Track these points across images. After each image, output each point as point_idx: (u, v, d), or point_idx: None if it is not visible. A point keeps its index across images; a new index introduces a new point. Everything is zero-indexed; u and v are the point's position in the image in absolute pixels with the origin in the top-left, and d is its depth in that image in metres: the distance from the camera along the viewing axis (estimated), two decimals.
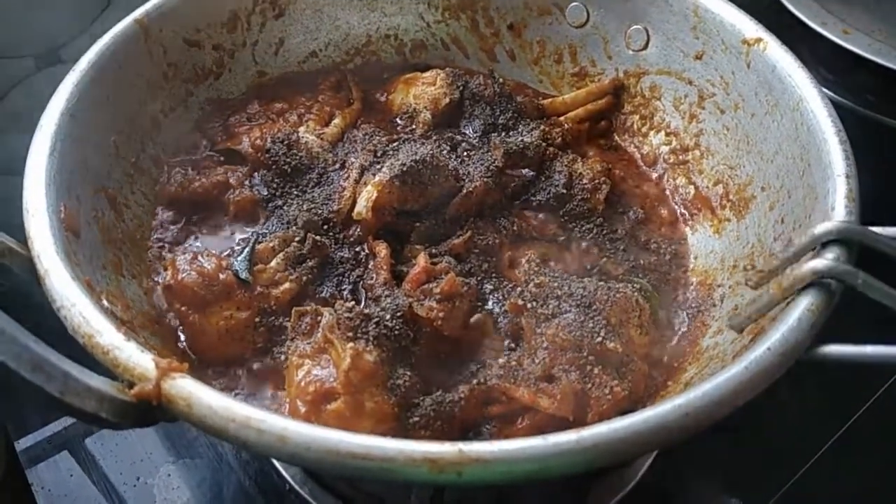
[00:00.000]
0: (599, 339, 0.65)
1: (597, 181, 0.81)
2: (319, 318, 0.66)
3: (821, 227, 0.61)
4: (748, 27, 0.80)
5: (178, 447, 0.84)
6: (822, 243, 0.60)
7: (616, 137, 0.93)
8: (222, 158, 0.84)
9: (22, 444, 0.83)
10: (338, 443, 0.47)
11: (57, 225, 0.61)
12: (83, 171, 0.70)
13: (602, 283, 0.71)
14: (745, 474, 0.83)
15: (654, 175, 0.89)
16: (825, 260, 0.58)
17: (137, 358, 0.52)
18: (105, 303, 0.61)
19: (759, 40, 0.79)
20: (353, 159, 0.81)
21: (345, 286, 0.73)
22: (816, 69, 0.74)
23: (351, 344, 0.61)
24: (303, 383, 0.62)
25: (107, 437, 0.84)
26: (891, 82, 0.95)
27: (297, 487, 0.79)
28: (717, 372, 0.53)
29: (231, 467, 0.83)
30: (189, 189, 0.79)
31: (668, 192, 0.87)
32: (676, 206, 0.86)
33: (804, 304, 0.56)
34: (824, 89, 0.74)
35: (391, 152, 0.81)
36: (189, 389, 0.50)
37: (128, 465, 0.82)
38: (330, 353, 0.63)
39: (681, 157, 0.88)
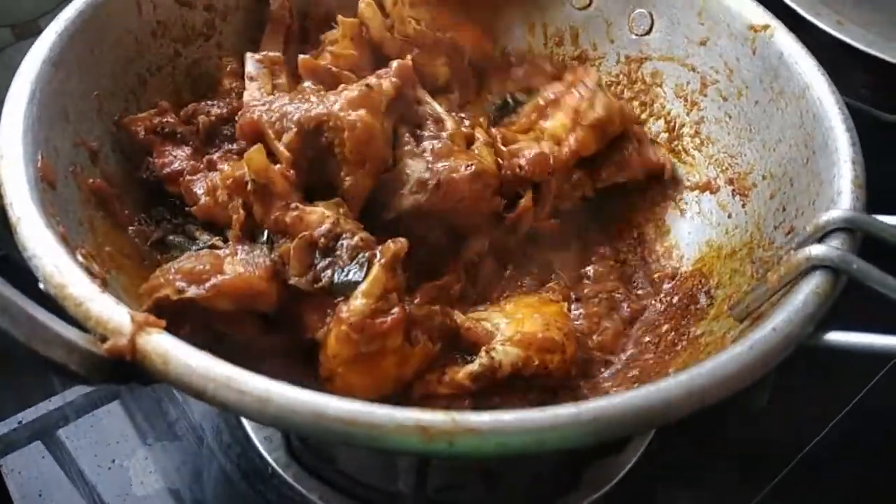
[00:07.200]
0: None
1: None
2: None
3: (825, 216, 0.59)
4: (755, 13, 0.79)
5: (156, 429, 0.81)
6: (827, 232, 0.59)
7: None
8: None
9: None
10: (324, 407, 0.44)
11: (33, 173, 0.58)
12: (63, 122, 0.66)
13: None
14: (719, 481, 0.81)
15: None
16: (821, 247, 0.56)
17: (112, 311, 0.48)
18: (80, 258, 0.57)
19: (766, 27, 0.77)
20: None
21: None
22: None
23: None
24: None
25: (80, 419, 0.81)
26: (885, 75, 0.93)
27: (280, 471, 0.76)
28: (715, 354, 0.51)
29: (212, 450, 0.79)
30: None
31: None
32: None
33: (811, 287, 0.54)
34: None
35: None
36: (165, 346, 0.47)
37: (102, 446, 0.79)
38: None
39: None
